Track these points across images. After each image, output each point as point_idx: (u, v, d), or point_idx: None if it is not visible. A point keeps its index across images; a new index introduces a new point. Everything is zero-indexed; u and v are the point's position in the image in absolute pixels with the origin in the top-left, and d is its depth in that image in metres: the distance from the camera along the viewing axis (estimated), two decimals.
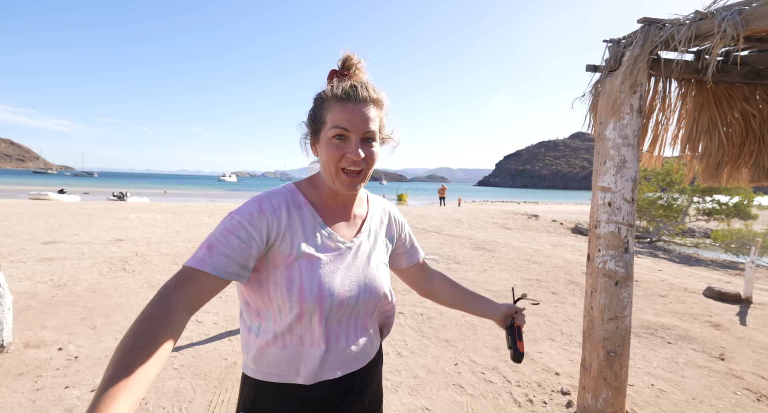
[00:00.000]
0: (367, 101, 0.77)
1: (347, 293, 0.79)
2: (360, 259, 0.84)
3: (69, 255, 5.29)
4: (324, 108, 0.77)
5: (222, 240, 0.69)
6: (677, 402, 2.33)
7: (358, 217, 0.89)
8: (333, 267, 0.78)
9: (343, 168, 0.76)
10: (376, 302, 0.85)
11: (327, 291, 0.76)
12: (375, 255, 0.87)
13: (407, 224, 1.03)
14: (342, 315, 0.79)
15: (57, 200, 16.15)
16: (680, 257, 9.30)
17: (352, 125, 0.74)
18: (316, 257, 0.77)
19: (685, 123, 2.45)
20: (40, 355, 2.48)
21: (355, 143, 0.75)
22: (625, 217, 2.06)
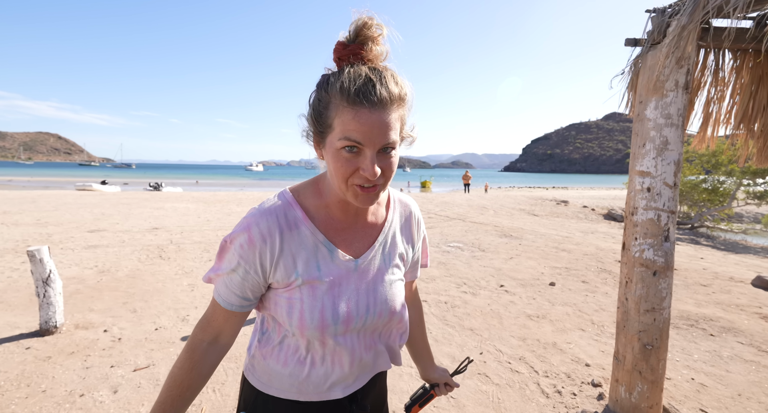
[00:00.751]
0: (387, 104, 0.59)
1: (353, 317, 0.70)
2: (371, 276, 0.73)
3: (111, 243, 5.64)
4: (331, 109, 0.60)
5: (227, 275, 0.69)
6: (720, 397, 2.20)
7: (373, 226, 0.76)
8: (338, 291, 0.69)
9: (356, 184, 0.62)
10: (387, 323, 0.76)
11: (330, 320, 0.68)
12: (390, 270, 0.76)
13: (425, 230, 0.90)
14: (347, 337, 0.72)
15: (100, 190, 17.23)
16: (726, 244, 8.69)
17: (367, 138, 0.58)
18: (318, 283, 0.68)
19: (739, 99, 2.22)
20: (88, 336, 2.68)
21: (371, 160, 0.59)
22: (666, 203, 1.91)
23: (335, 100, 0.59)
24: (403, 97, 0.62)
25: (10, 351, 2.43)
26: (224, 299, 0.70)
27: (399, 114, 0.62)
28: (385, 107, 0.59)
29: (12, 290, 3.53)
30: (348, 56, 0.61)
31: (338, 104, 0.59)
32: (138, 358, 2.42)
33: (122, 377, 2.20)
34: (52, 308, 2.67)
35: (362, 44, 0.61)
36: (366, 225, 0.75)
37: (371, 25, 0.61)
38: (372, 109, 0.58)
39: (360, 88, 0.58)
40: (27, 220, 7.35)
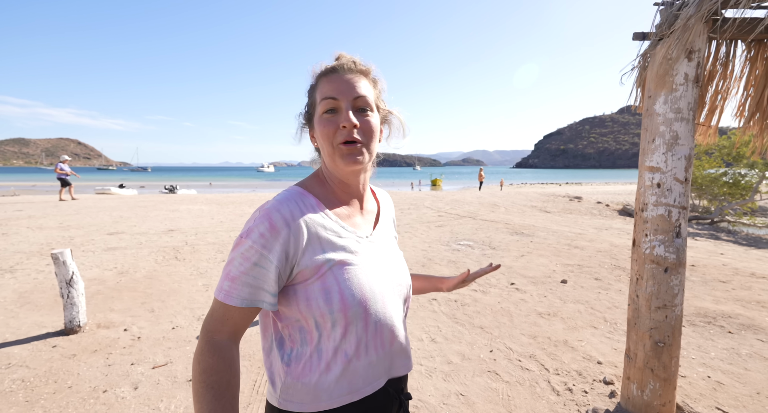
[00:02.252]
0: (353, 71, 0.72)
1: (386, 290, 0.74)
2: (384, 253, 0.80)
3: (129, 245, 5.82)
4: (314, 92, 0.74)
5: (241, 269, 0.64)
6: (738, 396, 2.15)
7: (371, 211, 0.85)
8: (366, 267, 0.72)
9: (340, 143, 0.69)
10: (408, 294, 0.83)
11: (369, 293, 0.70)
12: (393, 246, 0.85)
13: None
14: (386, 314, 0.73)
15: (118, 194, 17.74)
16: (748, 239, 8.41)
17: (339, 91, 0.70)
18: (348, 260, 0.70)
19: (753, 90, 2.17)
20: (110, 335, 2.79)
21: (346, 110, 0.69)
22: (677, 199, 1.89)
23: (316, 82, 0.74)
24: (368, 70, 0.75)
25: (38, 349, 2.56)
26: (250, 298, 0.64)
27: (366, 82, 0.74)
28: (353, 72, 0.72)
29: (38, 291, 3.70)
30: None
31: (318, 82, 0.74)
32: (156, 356, 2.51)
33: (142, 374, 2.29)
34: (76, 308, 2.79)
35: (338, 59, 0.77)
36: (366, 210, 0.83)
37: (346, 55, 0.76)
38: (342, 73, 0.72)
39: (333, 64, 0.73)
40: (50, 224, 7.64)
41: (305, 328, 0.68)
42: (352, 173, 0.74)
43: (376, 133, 0.73)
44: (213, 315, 0.66)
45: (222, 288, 0.65)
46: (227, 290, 0.64)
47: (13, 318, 3.04)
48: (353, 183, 0.77)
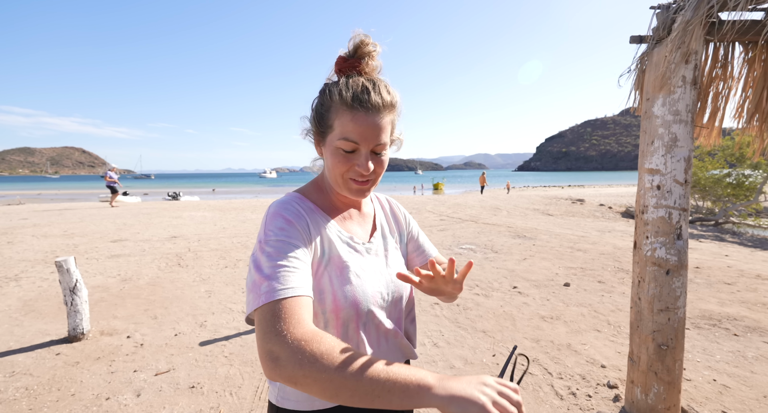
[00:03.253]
0: (380, 109, 0.68)
1: (378, 295, 0.75)
2: (380, 258, 0.81)
3: (133, 252, 5.85)
4: (332, 111, 0.69)
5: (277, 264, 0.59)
6: (744, 399, 2.13)
7: (368, 216, 0.86)
8: (362, 272, 0.74)
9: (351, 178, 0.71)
10: (405, 300, 0.83)
11: (362, 296, 0.72)
12: (392, 253, 0.85)
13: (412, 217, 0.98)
14: (378, 318, 0.75)
15: (122, 201, 17.84)
16: (753, 240, 8.34)
17: (362, 138, 0.67)
18: (344, 263, 0.72)
19: (752, 92, 2.17)
20: (113, 342, 2.80)
21: (365, 157, 0.69)
22: (677, 201, 1.88)
23: (335, 105, 0.68)
24: (393, 104, 0.71)
25: (41, 356, 2.57)
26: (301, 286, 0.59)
27: (390, 119, 0.71)
28: (379, 111, 0.68)
29: (42, 299, 3.72)
30: (347, 68, 0.72)
31: (338, 108, 0.68)
32: (159, 363, 2.51)
33: (145, 381, 2.29)
34: (79, 315, 2.80)
35: (360, 59, 0.72)
36: (362, 216, 0.84)
37: (368, 43, 0.71)
38: (367, 113, 0.67)
39: (357, 95, 0.67)
40: (55, 232, 7.70)
41: None
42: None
43: (385, 167, 0.74)
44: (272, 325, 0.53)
45: (261, 293, 0.57)
46: (274, 289, 0.56)
47: (18, 326, 3.06)
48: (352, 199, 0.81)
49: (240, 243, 6.63)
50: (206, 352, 2.68)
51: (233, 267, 5.01)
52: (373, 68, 0.73)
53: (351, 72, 0.71)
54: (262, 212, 11.48)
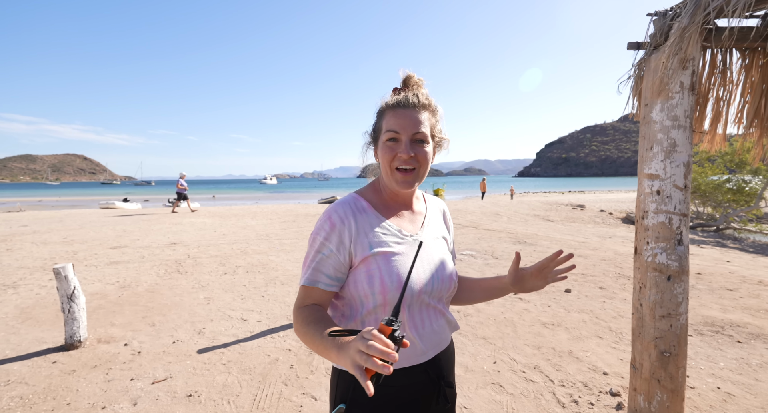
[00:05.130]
0: (417, 106, 0.84)
1: (423, 281, 0.85)
2: (428, 250, 0.90)
3: (132, 259, 5.84)
4: (381, 119, 0.88)
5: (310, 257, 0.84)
6: (749, 407, 2.10)
7: (418, 213, 0.97)
8: (407, 258, 0.84)
9: (397, 167, 0.84)
10: (449, 289, 0.91)
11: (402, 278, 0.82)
12: (439, 246, 0.94)
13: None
14: (422, 302, 0.86)
15: (122, 208, 17.87)
16: (755, 246, 8.31)
17: (402, 127, 0.83)
18: (390, 251, 0.84)
19: (750, 98, 2.18)
20: (110, 350, 2.77)
21: (405, 144, 0.83)
22: (677, 206, 1.88)
23: (383, 112, 0.88)
24: (431, 105, 0.88)
25: (38, 365, 2.54)
26: (312, 279, 0.83)
27: (428, 116, 0.86)
28: (416, 108, 0.85)
29: (40, 306, 3.69)
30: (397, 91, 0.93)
31: (385, 112, 0.87)
32: (156, 371, 2.48)
33: (141, 389, 2.26)
34: (77, 323, 2.78)
35: (407, 86, 0.92)
36: (413, 213, 0.96)
37: (413, 76, 0.92)
38: (405, 109, 0.84)
39: (399, 99, 0.86)
40: (55, 238, 7.68)
41: (353, 305, 0.85)
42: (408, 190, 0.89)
43: (428, 160, 0.86)
44: (298, 297, 0.86)
45: (302, 276, 0.85)
46: (303, 275, 0.85)
47: (14, 334, 3.04)
48: (403, 194, 0.92)
49: (239, 249, 6.61)
50: (204, 360, 2.65)
51: (232, 274, 4.99)
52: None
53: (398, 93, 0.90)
54: (262, 219, 11.47)
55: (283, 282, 4.60)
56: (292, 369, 2.54)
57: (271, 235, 8.29)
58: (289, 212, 14.05)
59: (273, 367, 2.56)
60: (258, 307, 3.74)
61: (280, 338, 3.03)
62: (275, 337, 3.05)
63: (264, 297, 4.04)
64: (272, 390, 2.28)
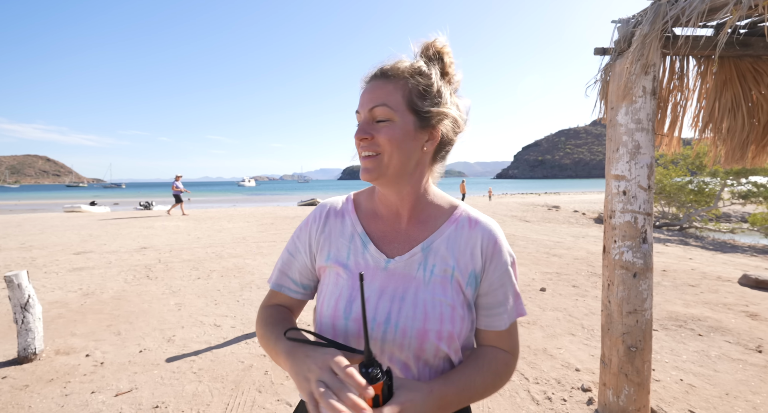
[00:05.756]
0: (379, 77, 0.65)
1: (369, 321, 0.62)
2: (402, 283, 0.65)
3: (97, 264, 5.54)
4: None
5: (281, 257, 0.77)
6: (708, 397, 2.20)
7: (420, 232, 0.69)
8: (356, 286, 0.66)
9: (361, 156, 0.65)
10: (417, 346, 0.62)
11: (342, 312, 0.64)
12: (430, 286, 0.65)
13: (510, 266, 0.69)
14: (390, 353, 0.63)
15: (89, 211, 16.98)
16: (714, 244, 8.81)
17: (360, 104, 0.65)
18: (341, 271, 0.68)
19: (705, 103, 2.30)
20: (69, 361, 2.60)
21: (362, 122, 0.65)
22: (642, 205, 1.95)
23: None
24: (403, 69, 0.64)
25: None
26: (278, 283, 0.76)
27: (401, 84, 0.64)
28: (379, 78, 0.65)
29: None
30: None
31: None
32: (120, 382, 2.35)
33: (103, 403, 2.13)
34: (31, 334, 2.59)
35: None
36: (412, 229, 0.69)
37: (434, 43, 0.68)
38: (370, 82, 0.66)
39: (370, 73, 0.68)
40: (11, 244, 7.20)
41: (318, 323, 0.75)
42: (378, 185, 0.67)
43: (396, 142, 0.62)
44: (265, 297, 0.78)
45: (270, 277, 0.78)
46: (270, 277, 0.78)
47: None
48: (390, 197, 0.69)
49: (214, 253, 6.41)
50: (173, 369, 2.53)
51: (206, 278, 4.82)
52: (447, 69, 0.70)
53: None
54: (240, 221, 11.18)
55: (259, 286, 4.48)
56: (267, 375, 2.47)
57: (248, 238, 8.09)
58: (267, 214, 13.78)
59: (247, 374, 2.47)
60: (232, 312, 3.62)
61: (255, 344, 2.94)
62: (250, 343, 2.96)
63: (239, 302, 3.92)
64: (245, 398, 2.20)
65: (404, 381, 0.56)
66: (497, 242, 0.69)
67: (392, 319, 0.63)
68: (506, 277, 0.69)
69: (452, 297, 0.65)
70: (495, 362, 0.66)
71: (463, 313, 0.66)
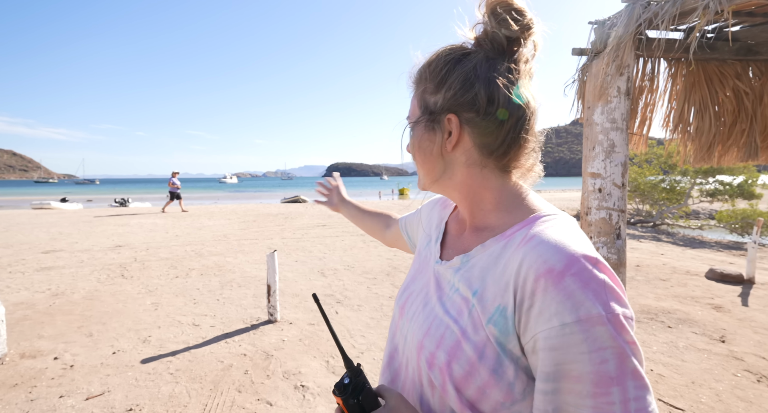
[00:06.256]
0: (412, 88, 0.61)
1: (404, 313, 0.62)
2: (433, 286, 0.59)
3: (68, 264, 5.31)
4: None
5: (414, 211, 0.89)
6: (676, 386, 2.30)
7: (472, 241, 0.58)
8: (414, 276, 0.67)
9: None
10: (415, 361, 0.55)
11: (399, 291, 0.68)
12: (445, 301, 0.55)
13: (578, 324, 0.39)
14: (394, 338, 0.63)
15: (59, 208, 16.24)
16: (684, 240, 9.22)
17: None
18: (416, 256, 0.73)
19: (675, 104, 2.39)
20: (36, 365, 2.48)
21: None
22: (616, 202, 2.01)
23: None
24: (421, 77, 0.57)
25: None
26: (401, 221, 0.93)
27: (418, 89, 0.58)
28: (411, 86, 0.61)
29: None
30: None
31: None
32: (92, 385, 2.26)
33: (72, 407, 2.05)
34: None
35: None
36: (470, 237, 0.59)
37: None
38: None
39: None
40: None
41: None
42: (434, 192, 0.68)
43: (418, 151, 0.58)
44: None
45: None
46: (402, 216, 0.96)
47: None
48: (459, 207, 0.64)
49: (194, 251, 6.25)
50: (149, 370, 2.46)
51: (185, 277, 4.69)
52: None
53: None
54: (221, 219, 10.92)
55: (240, 284, 4.40)
56: (247, 374, 2.43)
57: (229, 236, 7.92)
58: (249, 211, 13.54)
59: (226, 374, 2.43)
60: (212, 311, 3.54)
61: (235, 343, 2.89)
62: (230, 342, 2.90)
63: (219, 301, 3.84)
64: (224, 398, 2.16)
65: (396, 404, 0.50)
66: (545, 277, 0.42)
67: (412, 320, 0.58)
68: (563, 339, 0.40)
69: (465, 327, 0.50)
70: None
71: (475, 356, 0.47)
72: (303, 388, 2.29)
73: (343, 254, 6.19)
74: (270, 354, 2.72)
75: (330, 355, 2.72)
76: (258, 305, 3.71)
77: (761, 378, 2.38)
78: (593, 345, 0.39)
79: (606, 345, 0.39)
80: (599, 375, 0.39)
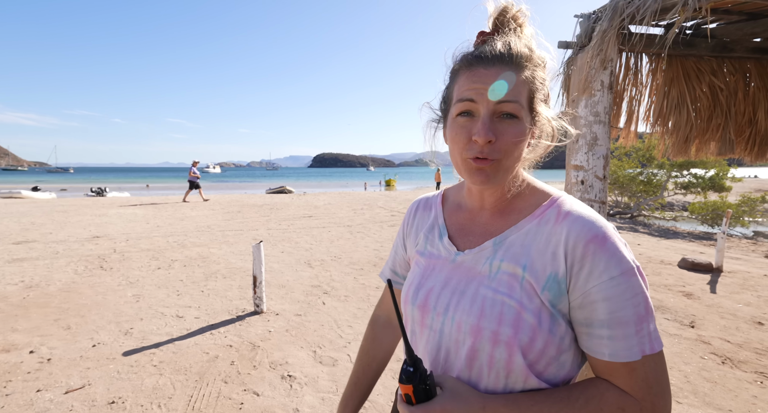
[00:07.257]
0: (506, 60, 0.54)
1: (430, 308, 0.61)
2: (466, 277, 0.60)
3: (42, 255, 5.12)
4: (453, 82, 0.59)
5: (390, 252, 0.83)
6: None
7: (498, 225, 0.62)
8: (429, 273, 0.65)
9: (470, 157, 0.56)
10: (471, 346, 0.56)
11: (410, 296, 0.65)
12: (492, 283, 0.57)
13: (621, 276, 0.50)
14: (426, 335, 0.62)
15: (31, 197, 15.54)
16: (659, 230, 9.59)
17: (479, 94, 0.54)
18: (420, 259, 0.70)
19: (655, 99, 2.46)
20: (10, 359, 2.41)
21: (482, 120, 0.53)
22: (598, 194, 2.07)
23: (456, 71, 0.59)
24: (529, 57, 0.56)
25: None
26: (382, 272, 0.84)
27: (524, 75, 0.55)
28: (504, 62, 0.54)
29: None
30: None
31: (459, 70, 0.59)
32: (71, 379, 2.21)
33: (51, 401, 2.00)
34: None
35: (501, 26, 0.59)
36: (492, 222, 0.63)
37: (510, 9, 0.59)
38: (488, 65, 0.55)
39: (480, 48, 0.57)
40: None
41: None
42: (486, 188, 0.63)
43: (518, 146, 0.56)
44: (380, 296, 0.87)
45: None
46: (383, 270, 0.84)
47: None
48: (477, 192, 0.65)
49: (176, 242, 6.11)
50: (131, 362, 2.42)
51: (167, 268, 4.60)
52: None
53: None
54: (204, 209, 10.69)
55: (225, 276, 4.35)
56: (233, 365, 2.42)
57: (213, 227, 7.78)
58: (234, 202, 13.31)
59: (212, 365, 2.41)
60: (196, 303, 3.49)
61: (221, 334, 2.87)
62: (215, 333, 2.88)
63: (203, 292, 3.79)
64: (210, 390, 2.16)
65: (455, 386, 0.53)
66: (593, 242, 0.52)
67: (450, 311, 0.59)
68: (613, 290, 0.50)
69: (520, 299, 0.54)
70: (600, 401, 0.50)
71: (535, 321, 0.53)
72: (290, 378, 2.30)
73: (329, 245, 6.17)
74: (256, 344, 2.71)
75: (317, 345, 2.73)
76: (243, 296, 3.68)
77: (725, 360, 2.53)
78: (632, 292, 0.50)
79: (638, 291, 0.51)
80: (638, 316, 0.50)
